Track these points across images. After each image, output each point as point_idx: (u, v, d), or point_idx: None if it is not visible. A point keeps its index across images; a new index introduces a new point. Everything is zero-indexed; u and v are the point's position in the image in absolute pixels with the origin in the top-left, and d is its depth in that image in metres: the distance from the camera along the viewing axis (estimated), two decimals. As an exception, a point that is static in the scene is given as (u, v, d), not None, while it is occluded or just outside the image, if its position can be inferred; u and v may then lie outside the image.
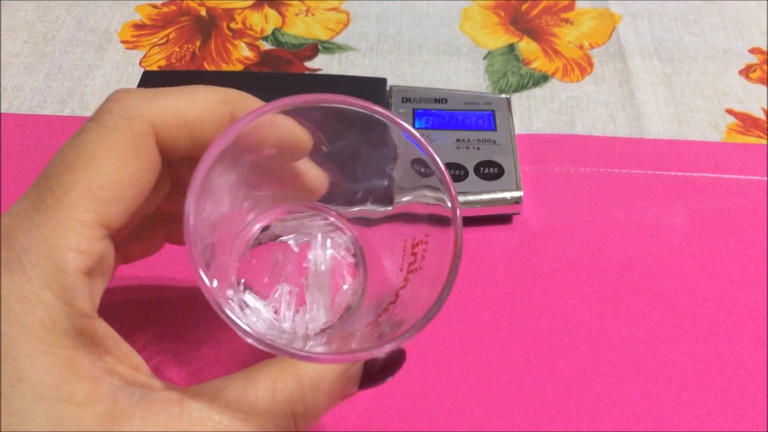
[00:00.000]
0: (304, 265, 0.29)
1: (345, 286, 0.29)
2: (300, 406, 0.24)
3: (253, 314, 0.28)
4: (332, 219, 0.29)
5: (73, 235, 0.22)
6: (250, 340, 0.22)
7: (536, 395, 0.32)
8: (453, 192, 0.25)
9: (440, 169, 0.25)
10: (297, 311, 0.28)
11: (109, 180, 0.23)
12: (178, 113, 0.25)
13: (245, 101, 0.26)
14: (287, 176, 0.28)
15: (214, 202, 0.25)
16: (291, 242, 0.29)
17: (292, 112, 0.25)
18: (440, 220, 0.25)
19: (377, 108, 0.25)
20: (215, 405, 0.23)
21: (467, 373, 0.33)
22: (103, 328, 0.23)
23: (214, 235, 0.26)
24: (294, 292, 0.28)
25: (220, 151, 0.23)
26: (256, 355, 0.23)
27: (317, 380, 0.24)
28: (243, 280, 0.28)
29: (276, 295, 0.28)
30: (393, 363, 0.26)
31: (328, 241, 0.29)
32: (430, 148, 0.25)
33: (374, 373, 0.25)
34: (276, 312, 0.28)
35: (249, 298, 0.28)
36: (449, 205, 0.25)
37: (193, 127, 0.25)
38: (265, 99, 0.25)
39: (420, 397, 0.32)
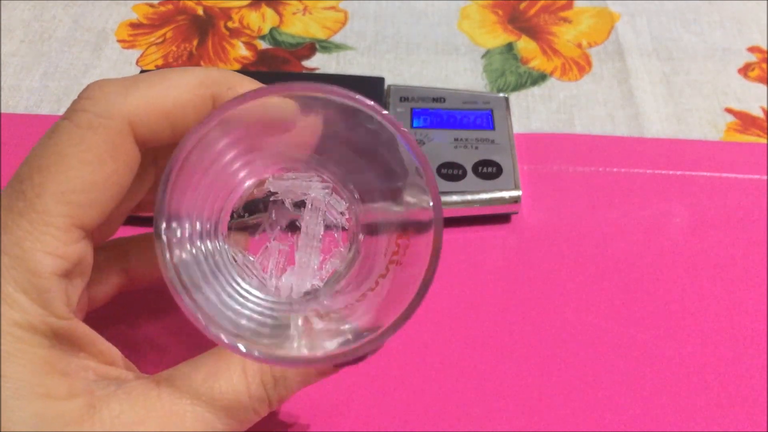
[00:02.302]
0: (297, 224, 0.28)
1: (336, 251, 0.28)
2: (267, 375, 0.24)
3: (242, 270, 0.28)
4: (330, 183, 0.28)
5: (47, 238, 0.22)
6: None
7: (535, 394, 0.32)
8: (437, 196, 0.23)
9: (427, 168, 0.23)
10: (284, 270, 0.28)
11: (83, 182, 0.23)
12: (155, 103, 0.24)
13: (227, 80, 0.25)
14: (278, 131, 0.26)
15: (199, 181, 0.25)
16: (286, 200, 0.28)
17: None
18: (421, 223, 0.24)
19: (359, 97, 0.23)
20: (191, 385, 0.23)
21: (465, 372, 0.33)
22: (81, 328, 0.23)
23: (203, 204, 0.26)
24: (284, 251, 0.28)
25: (192, 145, 0.22)
26: None
27: None
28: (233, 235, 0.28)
29: (265, 253, 0.28)
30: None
31: (324, 204, 0.28)
32: (418, 147, 0.24)
33: None
34: (264, 269, 0.28)
35: (238, 254, 0.28)
36: (430, 204, 0.23)
37: (172, 116, 0.24)
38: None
39: (418, 397, 0.32)
